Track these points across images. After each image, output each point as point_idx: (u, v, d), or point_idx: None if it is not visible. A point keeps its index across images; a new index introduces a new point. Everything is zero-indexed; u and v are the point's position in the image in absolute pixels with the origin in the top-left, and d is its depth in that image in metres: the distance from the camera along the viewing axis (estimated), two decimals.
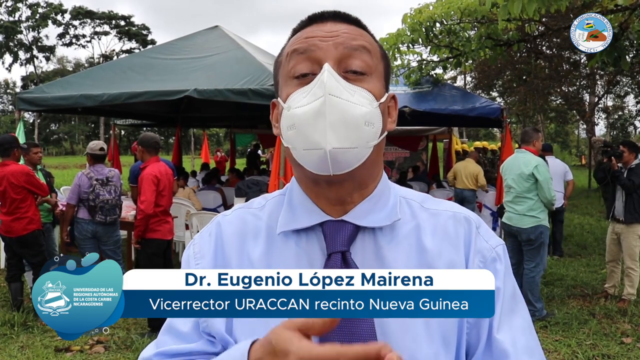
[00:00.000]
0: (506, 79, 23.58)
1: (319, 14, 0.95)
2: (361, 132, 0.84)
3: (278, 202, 0.99)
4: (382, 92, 0.92)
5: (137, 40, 58.97)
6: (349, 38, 0.90)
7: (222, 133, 48.67)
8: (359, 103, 0.85)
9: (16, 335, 5.17)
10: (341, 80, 0.86)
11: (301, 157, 0.87)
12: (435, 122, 12.12)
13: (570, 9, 11.91)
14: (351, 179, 0.88)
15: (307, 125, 0.84)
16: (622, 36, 6.59)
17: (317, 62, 0.88)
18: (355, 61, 0.89)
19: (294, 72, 0.90)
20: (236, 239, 0.95)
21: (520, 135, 5.95)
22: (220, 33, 8.84)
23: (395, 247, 0.91)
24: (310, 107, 0.84)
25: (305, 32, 0.93)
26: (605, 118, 39.30)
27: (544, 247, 5.62)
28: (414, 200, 0.99)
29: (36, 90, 8.52)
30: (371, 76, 0.90)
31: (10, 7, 51.57)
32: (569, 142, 49.60)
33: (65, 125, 60.55)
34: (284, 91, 0.92)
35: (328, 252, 0.89)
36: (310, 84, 0.87)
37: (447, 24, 7.69)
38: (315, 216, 0.92)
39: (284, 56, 0.94)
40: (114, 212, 5.78)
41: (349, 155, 0.84)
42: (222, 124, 16.75)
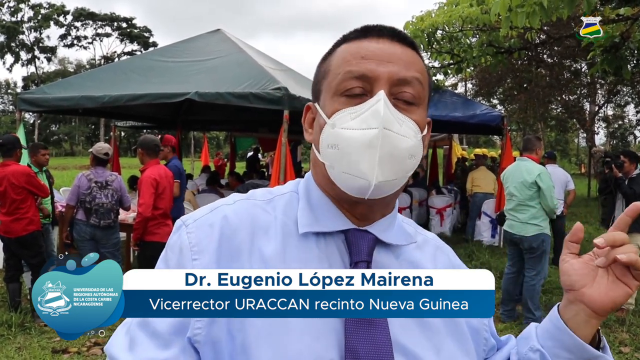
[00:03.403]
0: (507, 87, 23.63)
1: (375, 28, 0.93)
2: (405, 165, 0.86)
3: (291, 200, 0.96)
4: (425, 122, 0.92)
5: (139, 42, 59.16)
6: (405, 66, 0.89)
7: (222, 136, 48.67)
8: (406, 135, 0.85)
9: (13, 336, 5.15)
10: (393, 109, 0.85)
11: (338, 177, 0.86)
12: (436, 128, 12.13)
13: (572, 17, 11.93)
14: (380, 202, 0.90)
15: (354, 152, 0.83)
16: (623, 45, 6.61)
17: (369, 84, 0.87)
18: (408, 91, 0.88)
19: (343, 87, 0.88)
20: (246, 232, 0.89)
21: (523, 143, 5.94)
22: (222, 36, 8.86)
23: (401, 264, 0.93)
24: (362, 135, 0.83)
25: (359, 46, 0.90)
26: (605, 127, 39.31)
27: (545, 255, 5.62)
28: (408, 225, 1.02)
29: (37, 90, 8.54)
30: (418, 107, 0.90)
31: (13, 7, 51.72)
32: (569, 151, 49.60)
33: (66, 127, 60.56)
34: (329, 105, 0.89)
35: (354, 260, 0.88)
36: (360, 106, 0.85)
37: (449, 31, 7.71)
38: (340, 222, 0.91)
39: (333, 67, 0.92)
40: (108, 217, 5.74)
41: (390, 185, 0.86)
42: (222, 127, 16.76)
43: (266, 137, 14.92)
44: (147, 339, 0.84)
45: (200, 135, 28.07)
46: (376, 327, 0.82)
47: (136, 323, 0.86)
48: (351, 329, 0.82)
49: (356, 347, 0.80)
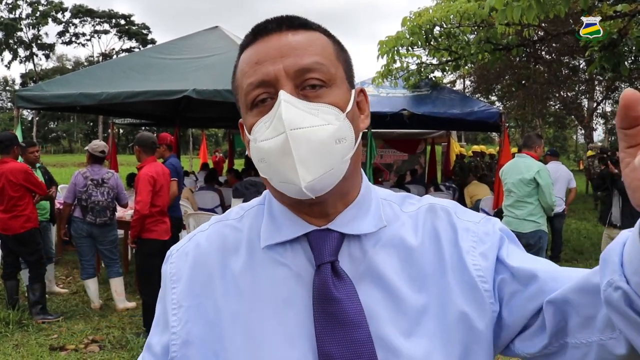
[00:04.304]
0: (505, 84, 23.64)
1: (262, 26, 0.89)
2: (333, 153, 0.81)
3: (257, 213, 0.96)
4: (347, 97, 0.87)
5: (137, 39, 59.07)
6: (300, 54, 0.84)
7: (220, 133, 48.67)
8: (325, 122, 0.81)
9: (11, 334, 5.16)
10: (300, 103, 0.81)
11: (279, 187, 0.84)
12: (434, 125, 12.15)
13: (570, 14, 11.93)
14: (333, 194, 0.85)
15: (275, 162, 0.81)
16: (621, 42, 6.61)
17: (272, 86, 0.84)
18: (312, 76, 0.84)
19: (251, 99, 0.86)
20: (216, 255, 0.92)
21: (523, 140, 5.94)
22: (220, 34, 8.84)
23: (381, 249, 0.89)
24: (275, 143, 0.80)
25: (252, 52, 0.87)
26: (603, 124, 39.36)
27: (542, 252, 5.63)
28: (393, 202, 0.96)
29: (35, 88, 8.51)
30: (331, 86, 0.85)
31: (11, 4, 51.59)
32: (567, 147, 49.69)
33: (64, 124, 60.53)
34: (247, 120, 0.88)
35: (317, 263, 0.86)
36: (269, 113, 0.82)
37: (447, 27, 7.71)
38: (299, 227, 0.89)
39: (238, 82, 0.90)
40: (104, 214, 5.76)
41: (326, 179, 0.81)
42: (220, 124, 16.74)
43: None
44: (150, 359, 0.93)
45: (198, 132, 28.08)
46: (351, 325, 0.80)
47: (145, 346, 0.96)
48: (321, 332, 0.80)
49: (329, 351, 0.79)
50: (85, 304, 6.11)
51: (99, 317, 5.72)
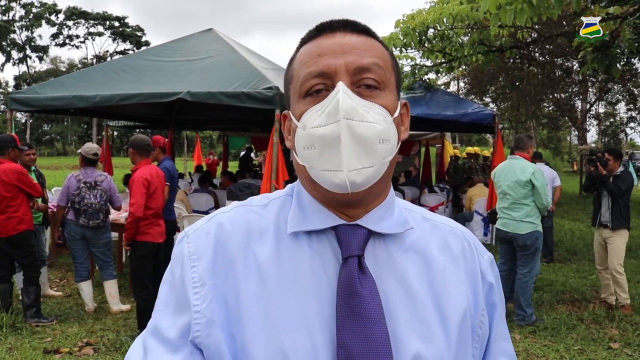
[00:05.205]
0: (499, 85, 23.73)
1: (327, 24, 0.94)
2: (377, 151, 0.85)
3: (284, 202, 0.98)
4: (395, 104, 0.91)
5: (131, 41, 58.91)
6: (361, 54, 0.89)
7: (215, 135, 48.58)
8: (374, 121, 0.85)
9: (4, 337, 5.14)
10: (355, 97, 0.85)
11: (320, 176, 0.87)
12: (428, 127, 12.18)
13: (563, 16, 12.00)
14: (368, 194, 0.89)
15: (327, 148, 0.84)
16: (613, 44, 6.65)
17: (329, 79, 0.88)
18: (369, 76, 0.88)
19: (306, 88, 0.90)
20: (240, 237, 0.92)
21: (515, 142, 5.96)
22: (214, 36, 8.85)
23: (404, 254, 0.93)
24: (327, 130, 0.84)
25: (315, 46, 0.92)
26: (596, 125, 39.57)
27: (538, 252, 5.67)
28: (415, 212, 1.01)
29: (29, 90, 8.49)
30: (384, 90, 0.90)
31: (4, 6, 51.35)
32: (561, 149, 49.87)
33: (58, 126, 60.25)
34: (297, 108, 0.91)
35: (344, 256, 0.88)
36: (324, 102, 0.86)
37: (440, 29, 7.74)
38: (329, 219, 0.91)
39: (295, 71, 0.94)
40: (97, 217, 5.76)
41: (365, 174, 0.85)
42: (215, 126, 16.74)
43: (259, 137, 14.93)
44: (159, 345, 0.88)
45: (193, 134, 28.04)
46: (369, 321, 0.83)
47: (149, 332, 0.91)
48: (342, 324, 0.82)
49: (347, 342, 0.81)
50: (79, 306, 6.09)
51: (93, 320, 5.70)
